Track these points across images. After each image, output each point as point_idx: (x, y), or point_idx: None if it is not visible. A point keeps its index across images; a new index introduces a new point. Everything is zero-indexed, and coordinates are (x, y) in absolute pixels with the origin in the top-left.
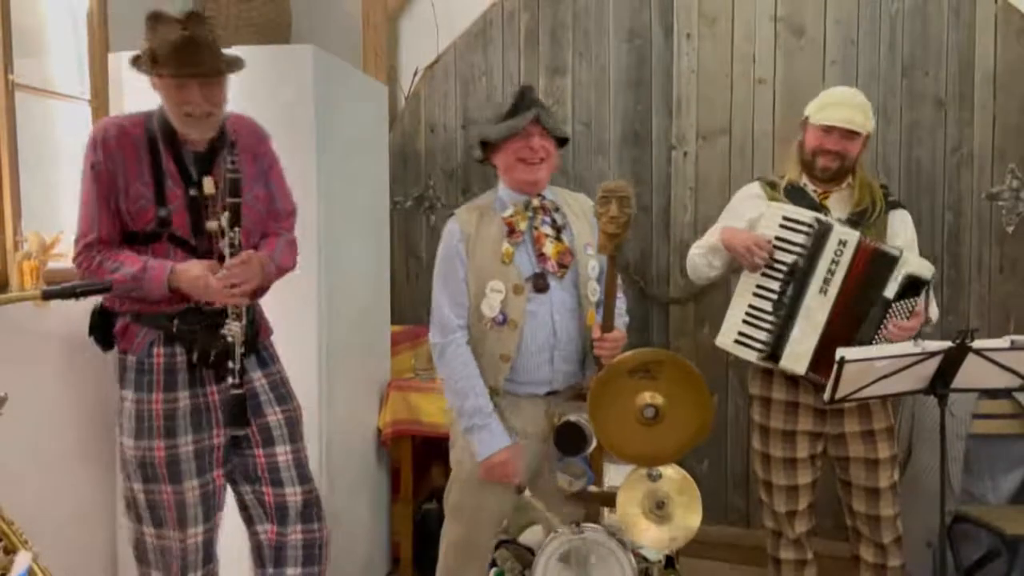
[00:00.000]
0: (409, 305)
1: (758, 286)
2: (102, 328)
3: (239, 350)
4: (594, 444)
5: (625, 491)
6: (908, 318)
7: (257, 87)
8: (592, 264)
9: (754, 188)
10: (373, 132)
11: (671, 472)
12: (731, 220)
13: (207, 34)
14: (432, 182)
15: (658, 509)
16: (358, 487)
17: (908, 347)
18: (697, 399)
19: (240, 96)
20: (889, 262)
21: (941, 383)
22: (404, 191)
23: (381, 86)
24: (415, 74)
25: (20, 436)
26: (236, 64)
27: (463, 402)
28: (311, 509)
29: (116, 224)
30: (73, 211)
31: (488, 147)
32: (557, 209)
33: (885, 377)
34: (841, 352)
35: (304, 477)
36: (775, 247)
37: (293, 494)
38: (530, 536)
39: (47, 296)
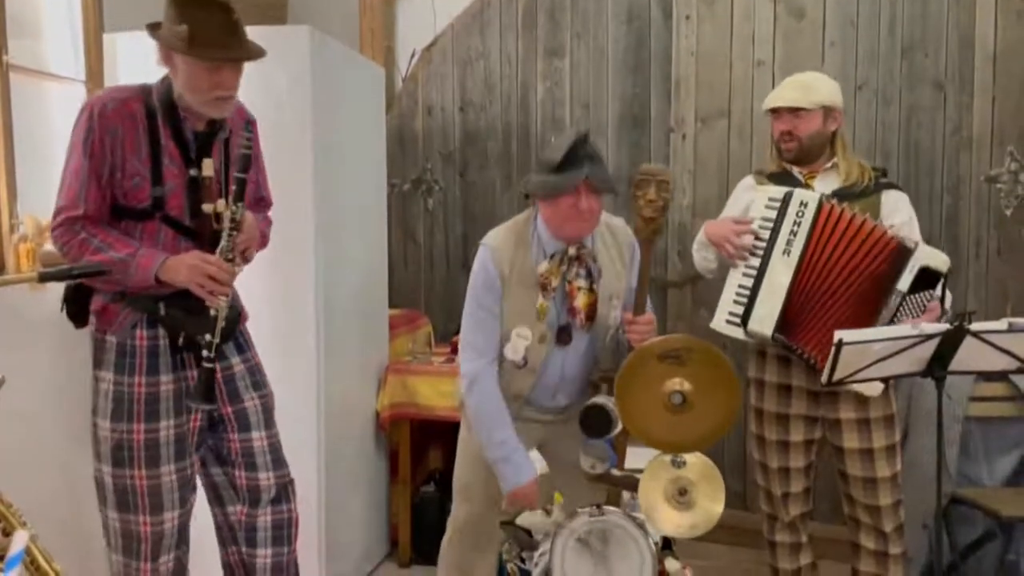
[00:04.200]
0: (407, 289)
1: (746, 265)
2: (77, 304)
3: (220, 324)
4: (619, 428)
5: (648, 477)
6: (922, 312)
7: (252, 68)
8: (615, 315)
9: (747, 180)
10: (370, 114)
11: (695, 459)
12: (728, 211)
13: (240, 18)
14: (430, 165)
15: (681, 496)
16: (356, 470)
17: (906, 329)
18: (726, 389)
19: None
20: (904, 253)
21: (939, 366)
22: (402, 174)
23: (378, 68)
24: (412, 56)
25: (16, 418)
26: (262, 48)
27: (490, 434)
28: (282, 492)
29: (105, 200)
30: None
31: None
32: (595, 259)
33: (882, 360)
34: (839, 335)
35: (278, 462)
36: (760, 227)
37: (267, 479)
38: (528, 517)
39: (43, 278)
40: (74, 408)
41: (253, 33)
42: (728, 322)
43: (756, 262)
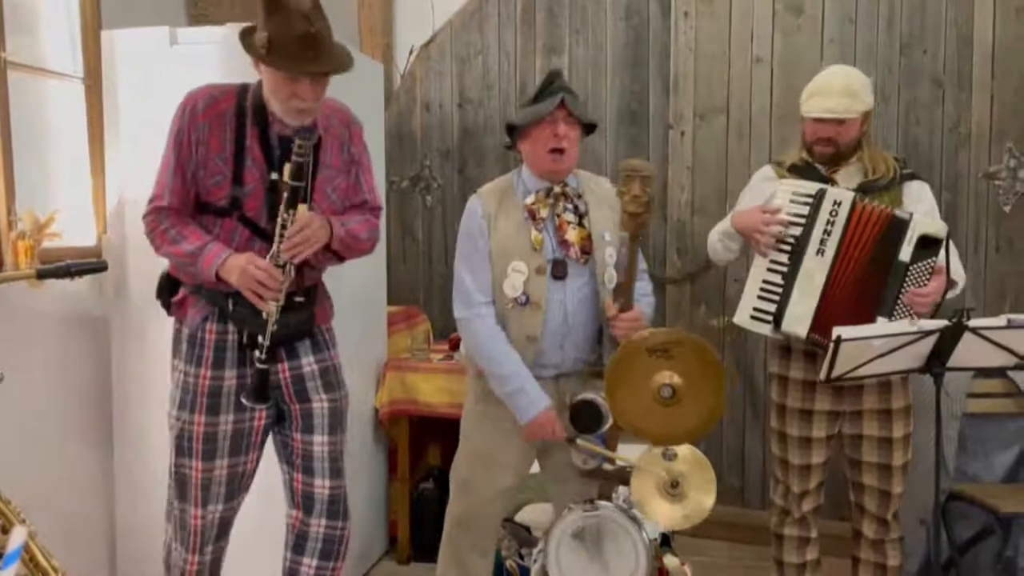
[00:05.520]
0: (405, 286)
1: (771, 260)
2: (168, 293)
3: (271, 327)
4: (610, 422)
5: (640, 469)
6: (927, 282)
7: (251, 65)
8: (609, 251)
9: (767, 171)
10: (369, 111)
11: (686, 452)
12: (749, 203)
13: (327, 29)
14: (428, 162)
15: (672, 488)
16: (355, 467)
17: (905, 326)
18: (714, 381)
19: (236, 75)
20: (899, 225)
21: (937, 362)
22: (400, 171)
23: (376, 65)
24: (411, 53)
25: (15, 415)
26: (351, 60)
27: (499, 368)
28: (337, 505)
29: (189, 194)
30: (67, 190)
31: (515, 134)
32: (580, 196)
33: (881, 356)
34: (838, 331)
35: (336, 472)
36: (789, 221)
37: (322, 487)
38: (527, 515)
39: (42, 275)
40: (73, 404)
41: None
42: (753, 318)
43: (784, 258)
